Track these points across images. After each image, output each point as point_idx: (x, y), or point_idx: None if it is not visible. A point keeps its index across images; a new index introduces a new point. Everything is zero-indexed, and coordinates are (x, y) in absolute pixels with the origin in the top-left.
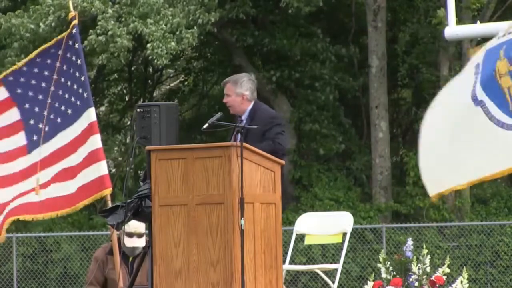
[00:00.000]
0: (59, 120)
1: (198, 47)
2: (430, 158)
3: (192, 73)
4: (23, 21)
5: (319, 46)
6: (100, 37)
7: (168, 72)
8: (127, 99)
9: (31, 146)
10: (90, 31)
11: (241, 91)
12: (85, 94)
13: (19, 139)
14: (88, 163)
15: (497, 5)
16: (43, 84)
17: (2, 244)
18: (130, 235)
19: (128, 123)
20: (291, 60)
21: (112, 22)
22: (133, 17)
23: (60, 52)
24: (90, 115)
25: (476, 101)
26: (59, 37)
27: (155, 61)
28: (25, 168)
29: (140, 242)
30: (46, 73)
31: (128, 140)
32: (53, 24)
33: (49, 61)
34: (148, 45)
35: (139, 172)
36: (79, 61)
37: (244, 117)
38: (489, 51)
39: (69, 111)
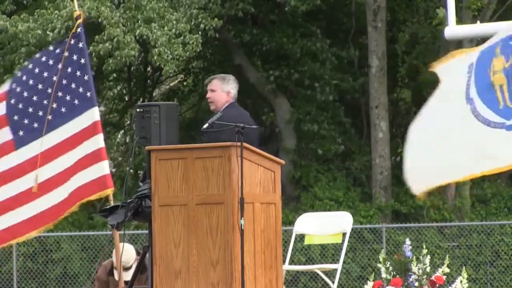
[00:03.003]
0: (51, 118)
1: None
2: (417, 159)
3: (192, 73)
4: (29, 25)
5: (319, 46)
6: (106, 44)
7: (167, 72)
8: (126, 99)
9: (18, 142)
10: (96, 37)
11: (227, 89)
12: (88, 93)
13: (4, 134)
14: (90, 162)
15: (497, 5)
16: (40, 86)
17: None
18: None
19: (128, 123)
20: (291, 60)
21: (118, 29)
22: (138, 22)
23: (66, 54)
24: (94, 114)
25: (468, 99)
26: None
27: (163, 66)
28: (18, 165)
29: (127, 275)
30: (45, 74)
31: (128, 140)
32: (61, 31)
33: (51, 62)
34: (155, 50)
35: (139, 172)
36: (82, 60)
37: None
38: (484, 51)
39: (63, 109)
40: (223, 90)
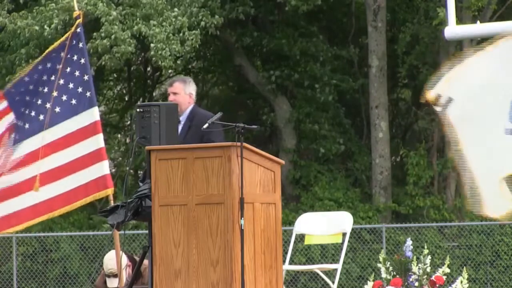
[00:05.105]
0: (42, 117)
1: (198, 47)
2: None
3: (192, 73)
4: (27, 22)
5: (319, 46)
6: (104, 40)
7: (167, 72)
8: (126, 99)
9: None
10: (94, 34)
11: (189, 91)
12: (87, 94)
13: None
14: (90, 162)
15: (497, 5)
16: (40, 89)
17: (2, 244)
18: (107, 276)
19: (128, 123)
20: (291, 60)
21: (116, 26)
22: (137, 19)
23: (62, 54)
24: (94, 114)
25: (507, 130)
26: (63, 38)
27: (160, 63)
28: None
29: (116, 282)
30: (45, 77)
31: (128, 140)
32: (58, 27)
33: (49, 65)
34: (152, 45)
35: (139, 172)
36: (82, 60)
37: (183, 117)
38: None
39: (57, 109)
40: (185, 92)
